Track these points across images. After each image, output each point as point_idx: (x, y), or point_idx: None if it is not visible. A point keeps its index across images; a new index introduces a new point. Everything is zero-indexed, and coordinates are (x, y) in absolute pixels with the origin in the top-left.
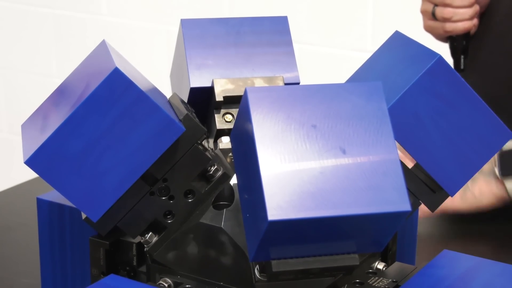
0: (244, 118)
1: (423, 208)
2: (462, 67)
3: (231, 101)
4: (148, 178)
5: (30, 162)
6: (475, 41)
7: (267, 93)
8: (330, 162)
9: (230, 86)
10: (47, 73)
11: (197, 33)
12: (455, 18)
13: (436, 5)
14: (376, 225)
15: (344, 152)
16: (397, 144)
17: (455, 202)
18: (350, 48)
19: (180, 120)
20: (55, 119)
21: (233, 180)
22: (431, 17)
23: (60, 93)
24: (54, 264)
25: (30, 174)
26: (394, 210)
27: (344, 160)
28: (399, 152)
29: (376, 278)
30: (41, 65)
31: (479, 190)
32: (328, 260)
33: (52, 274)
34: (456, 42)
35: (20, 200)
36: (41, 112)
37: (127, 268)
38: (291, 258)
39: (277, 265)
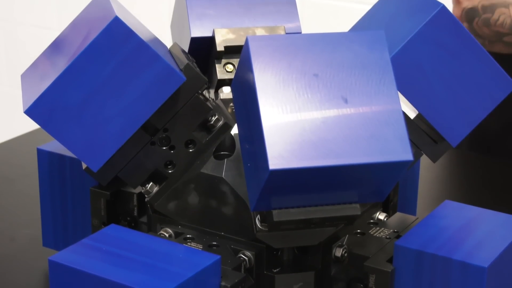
0: (245, 68)
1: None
2: None
3: (232, 51)
4: (148, 128)
5: (30, 112)
6: None
7: (269, 42)
8: (332, 111)
9: (231, 36)
10: (48, 25)
11: None
12: None
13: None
14: (378, 175)
15: (346, 101)
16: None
17: None
18: (352, 0)
19: (180, 70)
20: (55, 69)
21: (234, 130)
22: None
23: (60, 43)
24: (55, 215)
25: (30, 126)
26: (396, 160)
27: (346, 110)
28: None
29: (377, 228)
30: (41, 18)
31: None
32: (329, 209)
33: (53, 225)
34: None
35: (21, 151)
36: (41, 62)
37: (128, 218)
38: (292, 207)
39: (278, 215)
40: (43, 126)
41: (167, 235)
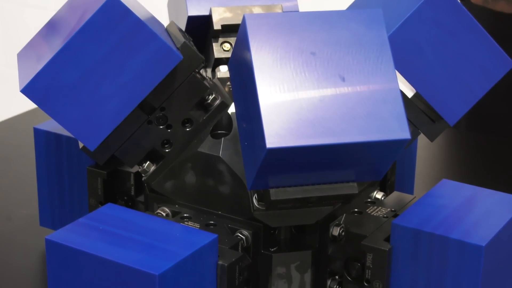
0: (242, 46)
1: None
2: None
3: (229, 29)
4: (145, 107)
5: (27, 91)
6: None
7: (266, 20)
8: (329, 90)
9: (228, 15)
10: (44, 5)
11: None
12: None
13: None
14: (376, 153)
15: (343, 80)
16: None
17: None
18: None
19: (177, 49)
20: (52, 48)
21: (231, 109)
22: None
23: (57, 21)
24: (52, 194)
25: (27, 106)
26: (393, 138)
27: (344, 88)
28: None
29: (375, 207)
30: None
31: None
32: (327, 188)
33: (49, 204)
34: None
35: (18, 131)
36: (38, 41)
37: (125, 197)
38: (290, 186)
39: (275, 194)
40: (39, 105)
41: (164, 214)
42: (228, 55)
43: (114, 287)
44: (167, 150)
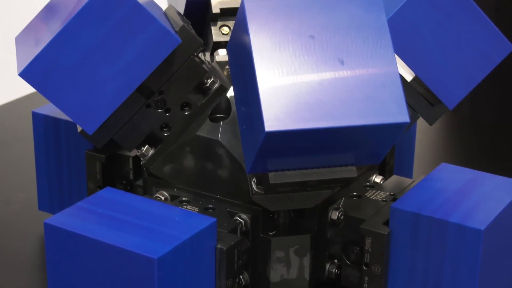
0: (240, 30)
1: None
2: None
3: (228, 13)
4: (144, 90)
5: (25, 74)
6: None
7: (264, 3)
8: (328, 73)
9: None
10: None
11: None
12: None
13: None
14: (375, 137)
15: (342, 63)
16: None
17: None
18: None
19: (176, 32)
20: (50, 31)
21: (230, 93)
22: None
23: (55, 5)
24: (50, 178)
25: (25, 90)
26: (393, 121)
27: (342, 72)
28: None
29: (374, 191)
30: None
31: None
32: (325, 172)
33: (48, 188)
34: None
35: (16, 115)
36: (36, 25)
37: (124, 182)
38: (289, 170)
39: (274, 177)
40: (37, 89)
41: (162, 198)
42: (227, 38)
43: (113, 271)
44: (165, 134)
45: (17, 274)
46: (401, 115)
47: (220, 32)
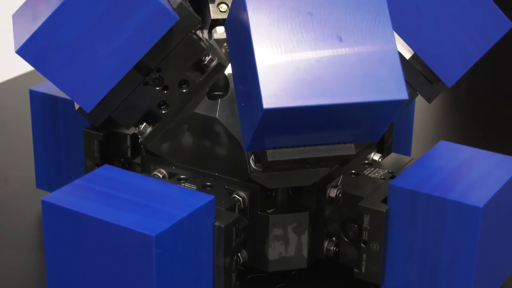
0: (238, 7)
1: None
2: None
3: None
4: (141, 68)
5: (22, 51)
6: None
7: None
8: (326, 50)
9: None
10: None
11: None
12: None
13: None
14: (373, 114)
15: (341, 40)
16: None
17: None
18: None
19: (173, 9)
20: (47, 8)
21: (228, 70)
22: None
23: None
24: (48, 157)
25: (23, 68)
26: (391, 99)
27: (341, 49)
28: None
29: (372, 169)
30: None
31: None
32: (324, 149)
33: (46, 167)
34: None
35: (14, 93)
36: (32, 2)
37: (122, 159)
38: (287, 147)
39: (272, 155)
40: (35, 66)
41: (160, 176)
42: (225, 16)
43: (111, 249)
44: (163, 112)
45: (15, 252)
46: (399, 92)
47: (218, 10)
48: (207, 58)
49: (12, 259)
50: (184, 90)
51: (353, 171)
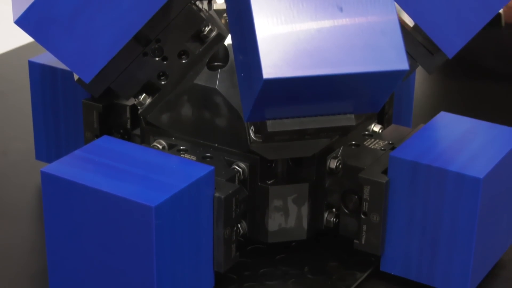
0: None
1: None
2: None
3: None
4: (141, 38)
5: (20, 22)
6: None
7: None
8: (326, 21)
9: None
10: None
11: None
12: None
13: None
14: (373, 84)
15: (341, 10)
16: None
17: None
18: None
19: None
20: None
21: (228, 41)
22: None
23: None
24: (47, 128)
25: (22, 40)
26: (392, 69)
27: (341, 19)
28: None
29: (372, 140)
30: None
31: None
32: (324, 120)
33: (45, 138)
34: None
35: (13, 65)
36: None
37: (121, 131)
38: (287, 118)
39: (272, 125)
40: (33, 37)
41: (160, 147)
42: None
43: (110, 219)
44: (163, 83)
45: (14, 224)
46: (400, 63)
47: None
48: (207, 29)
49: (12, 230)
50: (183, 61)
51: (353, 142)
